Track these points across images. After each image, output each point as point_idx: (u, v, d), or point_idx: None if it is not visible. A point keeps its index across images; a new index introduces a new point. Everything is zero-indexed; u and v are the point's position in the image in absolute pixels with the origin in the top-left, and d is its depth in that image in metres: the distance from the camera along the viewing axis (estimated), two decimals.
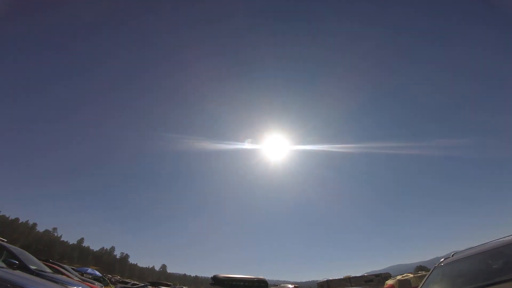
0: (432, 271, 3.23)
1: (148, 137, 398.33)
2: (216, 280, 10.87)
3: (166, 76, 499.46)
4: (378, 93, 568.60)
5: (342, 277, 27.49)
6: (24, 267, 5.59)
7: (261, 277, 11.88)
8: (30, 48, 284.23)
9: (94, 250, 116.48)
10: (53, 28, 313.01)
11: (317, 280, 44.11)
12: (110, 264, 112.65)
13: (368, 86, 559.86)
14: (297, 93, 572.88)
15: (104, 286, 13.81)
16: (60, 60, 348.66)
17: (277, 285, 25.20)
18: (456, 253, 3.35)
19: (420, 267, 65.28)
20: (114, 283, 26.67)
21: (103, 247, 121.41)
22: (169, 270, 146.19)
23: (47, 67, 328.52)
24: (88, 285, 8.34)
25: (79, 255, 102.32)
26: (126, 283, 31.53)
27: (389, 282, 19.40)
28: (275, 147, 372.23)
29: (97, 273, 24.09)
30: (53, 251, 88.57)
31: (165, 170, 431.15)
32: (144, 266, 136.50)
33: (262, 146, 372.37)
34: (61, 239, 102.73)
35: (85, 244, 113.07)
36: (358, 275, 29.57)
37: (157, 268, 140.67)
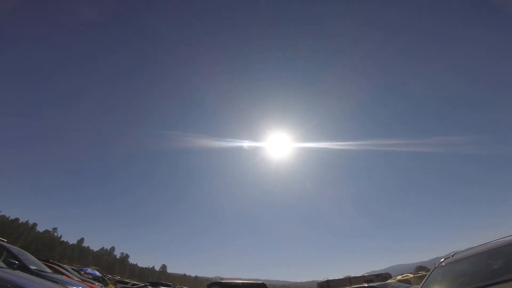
0: (432, 271, 3.22)
1: (148, 136, 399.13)
2: (214, 284, 11.02)
3: (167, 74, 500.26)
4: (379, 91, 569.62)
5: (342, 277, 27.50)
6: (24, 267, 5.58)
7: (261, 281, 11.91)
8: (30, 45, 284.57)
9: (94, 250, 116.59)
10: (53, 24, 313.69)
11: (317, 280, 44.09)
12: (110, 264, 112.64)
13: (369, 85, 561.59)
14: (299, 92, 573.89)
15: (104, 286, 13.79)
16: (60, 57, 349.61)
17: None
18: (456, 253, 3.35)
19: (420, 267, 65.23)
20: (114, 283, 26.62)
21: (103, 247, 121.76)
22: (169, 270, 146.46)
23: (47, 64, 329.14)
24: (88, 285, 8.33)
25: (79, 255, 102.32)
26: (126, 283, 31.47)
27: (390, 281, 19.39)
28: (277, 145, 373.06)
29: (97, 273, 24.02)
30: (53, 251, 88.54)
31: (165, 170, 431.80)
32: (144, 266, 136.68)
33: (264, 144, 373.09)
34: (61, 239, 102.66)
35: (85, 244, 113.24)
36: (358, 275, 29.57)
37: (157, 268, 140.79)
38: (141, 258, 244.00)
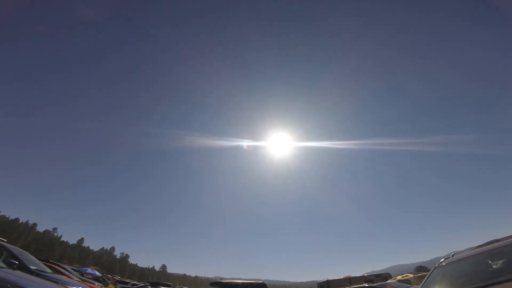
0: (432, 271, 3.22)
1: (148, 135, 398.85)
2: (215, 284, 11.16)
3: (167, 72, 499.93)
4: (380, 90, 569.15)
5: (342, 277, 27.50)
6: (24, 267, 5.59)
7: (261, 281, 11.98)
8: (28, 44, 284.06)
9: (94, 250, 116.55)
10: (51, 23, 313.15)
11: (317, 280, 44.07)
12: (110, 264, 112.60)
13: (370, 84, 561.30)
14: (300, 91, 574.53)
15: (104, 286, 13.79)
16: (59, 56, 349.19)
17: None
18: (456, 253, 3.35)
19: (420, 267, 65.16)
20: (114, 283, 26.61)
21: (103, 247, 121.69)
22: (169, 270, 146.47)
23: (46, 63, 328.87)
24: (88, 285, 8.34)
25: (79, 255, 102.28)
26: (126, 283, 31.48)
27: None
28: (277, 144, 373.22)
29: (97, 273, 24.00)
30: (53, 251, 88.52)
31: (165, 169, 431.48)
32: (144, 266, 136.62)
33: (264, 144, 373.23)
34: (61, 239, 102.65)
35: (85, 244, 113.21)
36: (358, 275, 29.57)
37: (157, 268, 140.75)
38: (141, 258, 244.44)
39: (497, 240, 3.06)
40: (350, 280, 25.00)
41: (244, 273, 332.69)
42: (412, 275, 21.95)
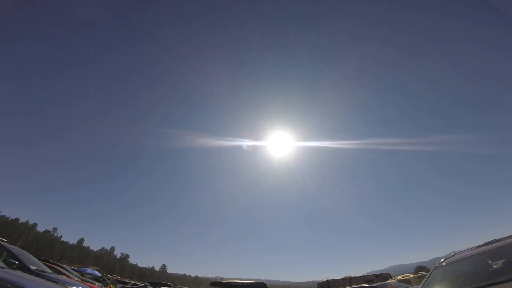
0: (432, 271, 3.22)
1: (148, 135, 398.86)
2: (215, 284, 11.20)
3: (167, 72, 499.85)
4: (380, 90, 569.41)
5: (342, 277, 27.50)
6: (24, 267, 5.58)
7: (261, 281, 12.02)
8: (29, 43, 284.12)
9: (94, 250, 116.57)
10: (52, 22, 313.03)
11: (317, 280, 44.06)
12: (110, 264, 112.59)
13: (370, 84, 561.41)
14: (300, 90, 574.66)
15: (104, 286, 13.77)
16: (59, 56, 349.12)
17: None
18: (456, 253, 3.35)
19: (420, 267, 65.25)
20: (114, 283, 26.57)
21: (103, 247, 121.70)
22: (169, 270, 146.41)
23: (46, 63, 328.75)
24: (88, 285, 8.33)
25: (79, 255, 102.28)
26: (126, 283, 31.47)
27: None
28: (277, 144, 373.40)
29: (97, 273, 23.96)
30: (53, 251, 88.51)
31: (165, 169, 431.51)
32: (144, 266, 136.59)
33: (264, 143, 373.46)
34: (61, 239, 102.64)
35: (85, 244, 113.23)
36: (358, 275, 29.57)
37: (157, 268, 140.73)
38: (141, 258, 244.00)
39: (497, 240, 3.06)
40: (350, 280, 25.00)
41: (244, 273, 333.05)
42: (412, 275, 21.96)
